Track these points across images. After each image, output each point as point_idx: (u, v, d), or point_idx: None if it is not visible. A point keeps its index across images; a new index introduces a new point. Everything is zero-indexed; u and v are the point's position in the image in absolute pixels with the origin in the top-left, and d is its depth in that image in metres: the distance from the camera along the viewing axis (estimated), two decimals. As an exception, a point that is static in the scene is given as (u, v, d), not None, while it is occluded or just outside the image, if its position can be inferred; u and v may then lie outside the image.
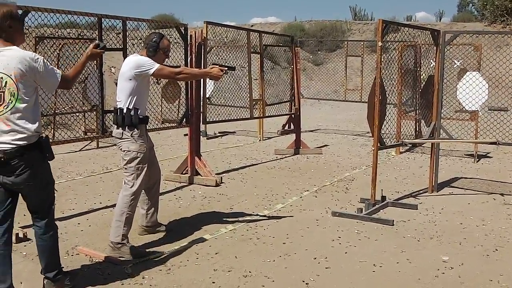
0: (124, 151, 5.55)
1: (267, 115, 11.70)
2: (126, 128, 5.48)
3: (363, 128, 15.59)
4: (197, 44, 8.66)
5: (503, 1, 27.79)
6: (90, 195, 7.94)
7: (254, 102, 11.67)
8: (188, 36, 8.70)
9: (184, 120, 8.75)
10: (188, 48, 8.70)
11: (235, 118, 11.01)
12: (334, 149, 12.33)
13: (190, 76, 6.74)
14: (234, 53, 12.60)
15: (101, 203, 7.50)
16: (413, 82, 12.23)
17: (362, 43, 17.60)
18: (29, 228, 6.28)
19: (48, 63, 4.25)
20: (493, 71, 10.02)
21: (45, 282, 4.53)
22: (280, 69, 15.05)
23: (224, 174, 9.35)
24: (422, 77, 12.00)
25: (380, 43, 6.77)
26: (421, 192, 8.31)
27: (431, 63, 9.24)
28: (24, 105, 4.07)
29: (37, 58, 4.15)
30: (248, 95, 10.43)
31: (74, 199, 7.74)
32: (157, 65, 5.50)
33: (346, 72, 16.70)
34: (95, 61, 7.97)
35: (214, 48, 16.82)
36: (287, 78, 13.25)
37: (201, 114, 8.88)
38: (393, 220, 6.63)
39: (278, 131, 14.67)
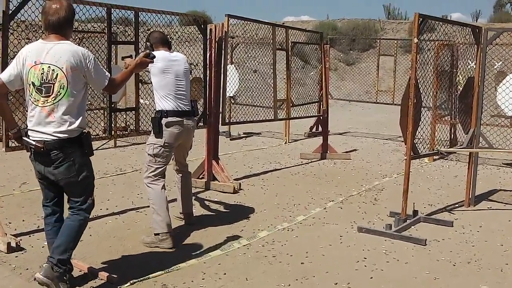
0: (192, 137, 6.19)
1: (292, 116, 11.05)
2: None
3: (395, 132, 14.81)
4: (217, 39, 8.07)
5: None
6: (98, 199, 7.23)
7: (279, 103, 11.07)
8: (208, 31, 8.10)
9: (202, 120, 8.16)
10: (208, 43, 8.11)
11: (259, 119, 10.37)
12: (363, 154, 11.65)
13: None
14: (262, 50, 12.03)
15: (107, 209, 6.94)
16: (449, 84, 11.54)
17: (395, 42, 16.81)
18: (24, 236, 5.81)
19: (99, 63, 4.39)
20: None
21: (45, 266, 4.31)
22: (310, 68, 14.39)
23: (243, 180, 8.75)
24: (458, 79, 11.34)
25: (416, 40, 6.10)
26: (457, 205, 7.61)
27: (469, 64, 8.52)
28: (72, 99, 4.18)
29: (89, 55, 4.25)
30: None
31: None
32: None
33: (378, 73, 15.95)
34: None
35: (241, 45, 16.33)
36: (317, 77, 12.62)
37: (220, 115, 8.29)
38: (425, 240, 5.94)
39: (305, 133, 14.03)
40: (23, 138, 4.26)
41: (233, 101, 13.61)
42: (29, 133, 4.22)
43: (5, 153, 5.74)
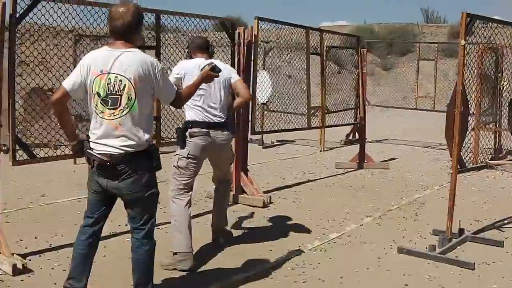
0: (228, 149, 5.86)
1: (327, 124, 10.50)
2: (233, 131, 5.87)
3: (435, 139, 14.20)
4: (246, 43, 7.58)
5: None
6: (116, 214, 6.91)
7: (313, 110, 10.55)
8: (236, 34, 7.62)
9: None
10: (236, 48, 7.62)
11: (292, 127, 9.86)
12: (402, 163, 11.04)
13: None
14: (297, 55, 11.54)
15: (126, 225, 6.43)
16: (493, 89, 10.89)
17: (435, 46, 16.12)
18: (34, 256, 5.37)
19: (167, 75, 4.20)
20: None
21: None
22: (346, 73, 13.80)
23: (274, 192, 8.22)
24: (502, 84, 10.70)
25: (463, 42, 5.50)
26: (506, 221, 6.97)
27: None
28: (140, 111, 3.93)
29: (158, 65, 4.01)
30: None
31: (66, 222, 6.58)
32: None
33: (418, 77, 15.28)
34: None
35: (274, 50, 15.85)
36: (353, 83, 12.06)
37: (250, 123, 7.80)
38: (474, 263, 5.33)
39: (341, 141, 13.45)
40: (86, 150, 3.97)
41: (265, 108, 13.11)
42: (92, 145, 3.96)
43: (11, 167, 5.32)
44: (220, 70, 4.50)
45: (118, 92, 3.87)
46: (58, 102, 3.96)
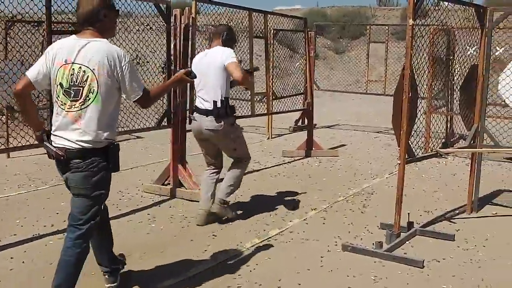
0: (231, 138, 6.10)
1: (274, 111, 10.06)
2: (228, 119, 5.89)
3: (387, 124, 13.87)
4: (183, 26, 7.05)
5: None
6: (45, 213, 6.39)
7: (259, 96, 10.10)
8: (172, 17, 7.08)
9: (165, 120, 7.16)
10: (172, 32, 7.09)
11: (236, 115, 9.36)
12: (352, 150, 10.65)
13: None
14: (243, 38, 11.01)
15: (52, 225, 5.92)
16: (445, 73, 10.56)
17: (387, 28, 15.77)
18: None
19: (136, 69, 3.93)
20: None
21: (107, 278, 4.33)
22: (299, 58, 13.34)
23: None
24: (455, 67, 10.37)
25: (411, 22, 5.07)
26: (457, 212, 6.65)
27: (468, 50, 7.53)
28: (102, 105, 3.73)
29: (125, 57, 3.78)
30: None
31: (25, 218, 6.19)
32: (234, 61, 5.77)
33: (368, 61, 14.91)
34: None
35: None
36: (303, 67, 11.62)
37: (188, 112, 7.29)
38: (423, 261, 4.95)
39: (290, 127, 13.00)
40: (44, 143, 3.82)
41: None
42: (52, 138, 3.81)
43: None
44: (195, 76, 4.27)
45: (81, 83, 3.70)
46: (21, 93, 3.79)
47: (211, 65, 5.80)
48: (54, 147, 3.74)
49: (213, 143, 6.09)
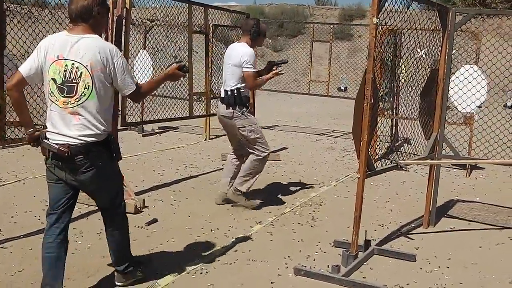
0: (239, 128, 6.41)
1: (213, 110, 9.37)
2: (237, 107, 6.36)
3: (327, 125, 13.49)
4: (115, 18, 6.33)
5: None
6: (35, 204, 5.63)
7: (197, 96, 9.44)
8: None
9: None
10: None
11: (173, 115, 8.67)
12: (294, 153, 10.09)
13: (262, 84, 6.89)
14: (183, 34, 10.35)
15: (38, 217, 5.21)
16: (391, 74, 10.14)
17: (327, 28, 15.31)
18: None
19: (128, 64, 4.09)
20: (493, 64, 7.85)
21: (116, 275, 4.37)
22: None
23: (150, 193, 7.03)
24: (401, 69, 9.98)
25: (375, 20, 4.51)
26: (413, 225, 6.17)
27: (418, 52, 7.07)
28: (98, 100, 3.79)
29: (117, 52, 3.87)
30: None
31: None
32: (251, 71, 6.33)
33: (311, 60, 14.41)
34: None
35: (159, 28, 14.51)
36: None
37: (120, 112, 6.60)
38: (385, 287, 4.42)
39: (228, 127, 12.34)
40: (43, 140, 3.82)
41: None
42: (48, 135, 3.82)
43: None
44: (187, 71, 4.34)
45: (75, 79, 3.74)
46: (14, 88, 3.81)
47: (229, 60, 6.44)
48: (56, 144, 3.74)
49: (229, 130, 6.62)
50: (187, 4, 8.13)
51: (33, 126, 3.96)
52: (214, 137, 11.42)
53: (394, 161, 5.23)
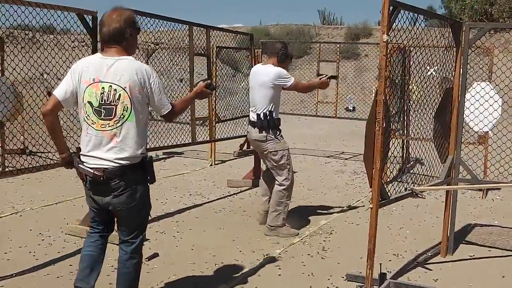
0: (270, 151, 6.34)
1: (218, 135, 9.12)
2: (270, 130, 6.31)
3: (336, 147, 13.14)
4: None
5: (482, 4, 25.66)
6: (31, 238, 5.31)
7: (200, 121, 9.14)
8: (98, 30, 6.06)
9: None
10: (101, 47, 6.05)
11: (177, 141, 8.34)
12: (302, 177, 9.74)
13: (312, 88, 7.35)
14: (179, 56, 10.13)
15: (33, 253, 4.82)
16: (401, 94, 9.82)
17: (334, 47, 15.01)
18: None
19: (163, 84, 4.01)
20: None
21: None
22: (242, 77, 12.36)
23: (152, 224, 6.65)
24: (411, 87, 9.65)
25: (385, 37, 4.19)
26: (429, 254, 5.82)
27: (429, 70, 6.75)
28: (136, 122, 3.79)
29: (153, 73, 3.89)
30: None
31: None
32: (293, 79, 6.41)
33: (319, 81, 14.06)
34: None
35: (163, 51, 14.26)
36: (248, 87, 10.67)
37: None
38: (405, 329, 4.06)
39: (234, 152, 11.99)
40: (78, 165, 3.82)
41: (149, 117, 11.49)
42: (83, 159, 3.83)
43: None
44: (214, 88, 4.41)
45: (113, 102, 3.74)
46: (50, 112, 3.82)
47: (257, 82, 6.36)
48: (91, 168, 3.75)
49: (259, 154, 6.75)
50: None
51: (67, 150, 4.01)
52: (219, 162, 11.12)
53: (409, 189, 4.87)
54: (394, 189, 4.98)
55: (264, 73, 6.32)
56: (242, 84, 11.60)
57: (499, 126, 7.65)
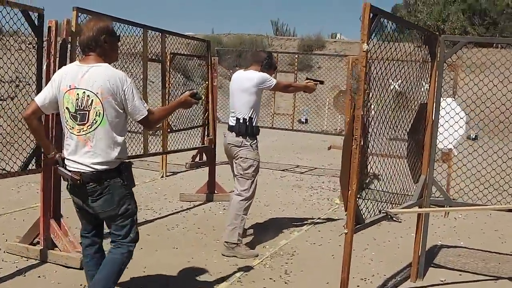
0: (241, 157, 6.16)
1: (170, 144, 8.63)
2: (247, 137, 6.15)
3: (291, 160, 12.79)
4: (60, 42, 5.55)
5: (436, 20, 25.85)
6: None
7: (151, 131, 8.62)
8: (45, 29, 5.55)
9: (34, 162, 5.56)
10: (46, 47, 5.54)
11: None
12: (258, 191, 9.00)
13: (296, 89, 7.47)
14: (138, 62, 9.62)
15: None
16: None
17: (296, 57, 14.66)
18: None
19: (138, 91, 4.02)
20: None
21: None
22: (194, 85, 11.87)
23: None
24: (370, 103, 9.37)
25: (365, 46, 3.82)
26: (398, 278, 5.47)
27: (391, 84, 6.44)
28: (109, 127, 3.88)
29: (127, 79, 3.93)
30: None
31: None
32: (275, 80, 6.32)
33: (275, 92, 13.68)
34: None
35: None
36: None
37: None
38: None
39: (186, 163, 11.51)
40: (59, 168, 3.99)
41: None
42: (66, 162, 3.97)
43: None
44: (200, 98, 4.38)
45: (86, 107, 3.85)
46: (30, 117, 3.99)
47: (239, 87, 6.20)
48: (69, 171, 3.88)
49: (231, 162, 6.37)
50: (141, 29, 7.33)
51: (53, 149, 4.15)
52: (171, 173, 10.63)
53: (383, 211, 4.50)
54: (367, 208, 4.60)
55: (247, 78, 6.18)
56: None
57: (464, 143, 7.41)
